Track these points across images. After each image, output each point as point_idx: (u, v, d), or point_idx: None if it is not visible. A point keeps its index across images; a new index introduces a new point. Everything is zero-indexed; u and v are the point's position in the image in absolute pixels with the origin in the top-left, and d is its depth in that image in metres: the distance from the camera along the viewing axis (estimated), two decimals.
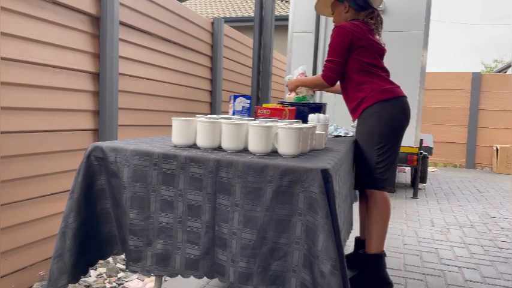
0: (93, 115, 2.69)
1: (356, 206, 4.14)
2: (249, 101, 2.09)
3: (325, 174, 1.18)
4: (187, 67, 3.96)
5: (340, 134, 2.53)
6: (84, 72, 2.58)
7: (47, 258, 2.35)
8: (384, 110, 2.19)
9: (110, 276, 2.40)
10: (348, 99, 2.37)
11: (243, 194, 1.27)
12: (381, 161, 2.19)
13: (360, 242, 2.58)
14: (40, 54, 2.23)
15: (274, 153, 1.44)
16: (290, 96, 2.50)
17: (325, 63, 2.27)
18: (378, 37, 2.35)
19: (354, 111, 2.33)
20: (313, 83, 2.40)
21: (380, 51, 2.30)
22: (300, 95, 2.45)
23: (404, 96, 2.27)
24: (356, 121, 2.35)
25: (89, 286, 2.26)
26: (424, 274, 2.61)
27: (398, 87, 2.28)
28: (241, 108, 2.08)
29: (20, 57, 2.11)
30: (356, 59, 2.22)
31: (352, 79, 2.26)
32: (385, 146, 2.20)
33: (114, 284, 2.30)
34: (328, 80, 2.25)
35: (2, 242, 2.06)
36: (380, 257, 2.23)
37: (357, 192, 2.55)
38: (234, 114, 2.06)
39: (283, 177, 1.22)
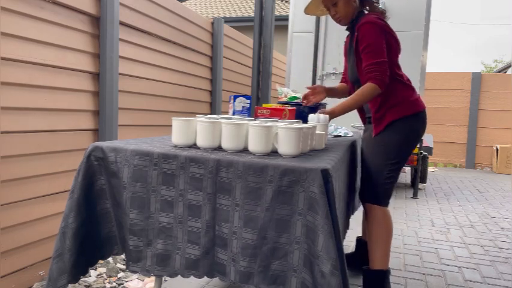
0: (93, 115, 2.69)
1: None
2: (249, 101, 2.09)
3: (325, 174, 1.18)
4: (187, 67, 3.96)
5: (340, 134, 2.52)
6: (84, 72, 2.58)
7: (47, 258, 2.35)
8: (411, 126, 2.03)
9: (110, 276, 2.40)
10: (370, 107, 2.08)
11: (243, 194, 1.27)
12: (389, 177, 2.05)
13: (361, 243, 2.51)
14: (40, 54, 2.23)
15: (274, 153, 1.44)
16: (283, 97, 2.51)
17: (371, 67, 1.93)
18: None
19: (378, 121, 2.05)
20: (361, 99, 1.97)
21: (399, 49, 2.09)
22: (296, 95, 2.47)
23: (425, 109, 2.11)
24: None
25: (89, 286, 2.26)
26: (424, 274, 2.61)
27: (419, 96, 2.11)
28: (241, 108, 2.08)
29: (20, 57, 2.11)
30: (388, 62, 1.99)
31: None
32: (399, 163, 2.05)
33: (114, 284, 2.30)
34: (383, 85, 1.94)
35: (2, 242, 2.06)
36: (385, 274, 2.09)
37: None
38: (234, 114, 2.06)
39: (283, 177, 1.22)
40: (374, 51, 1.93)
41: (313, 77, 4.82)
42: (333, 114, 2.01)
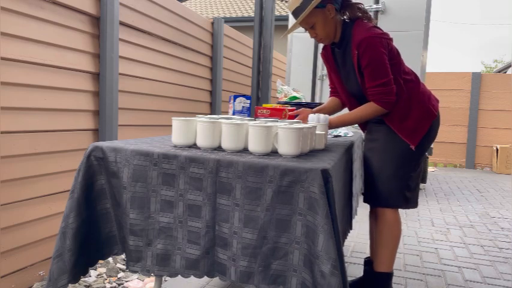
0: (93, 115, 2.69)
1: (365, 220, 4.14)
2: (249, 101, 2.09)
3: (325, 174, 1.18)
4: (187, 67, 3.96)
5: (340, 134, 2.52)
6: (84, 72, 2.59)
7: (47, 258, 2.35)
8: (435, 126, 2.04)
9: (110, 276, 2.40)
10: (397, 119, 1.98)
11: (243, 194, 1.27)
12: (409, 177, 2.05)
13: (370, 264, 2.22)
14: (40, 54, 2.23)
15: (274, 153, 1.44)
16: (283, 96, 2.50)
17: (375, 89, 1.88)
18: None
19: (414, 133, 1.99)
20: (363, 118, 1.95)
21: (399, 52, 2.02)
22: (296, 94, 2.47)
23: None
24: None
25: (89, 286, 2.26)
26: (424, 274, 2.61)
27: (425, 86, 2.08)
28: (241, 108, 2.08)
29: (20, 57, 2.11)
30: (396, 70, 1.93)
31: (399, 96, 1.95)
32: (420, 164, 2.07)
33: (114, 284, 2.30)
34: (390, 106, 1.91)
35: (2, 242, 2.06)
36: (388, 276, 2.08)
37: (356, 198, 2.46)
38: (234, 114, 2.06)
39: (283, 177, 1.22)
40: (377, 70, 1.85)
41: (313, 77, 4.83)
42: (329, 126, 1.97)
